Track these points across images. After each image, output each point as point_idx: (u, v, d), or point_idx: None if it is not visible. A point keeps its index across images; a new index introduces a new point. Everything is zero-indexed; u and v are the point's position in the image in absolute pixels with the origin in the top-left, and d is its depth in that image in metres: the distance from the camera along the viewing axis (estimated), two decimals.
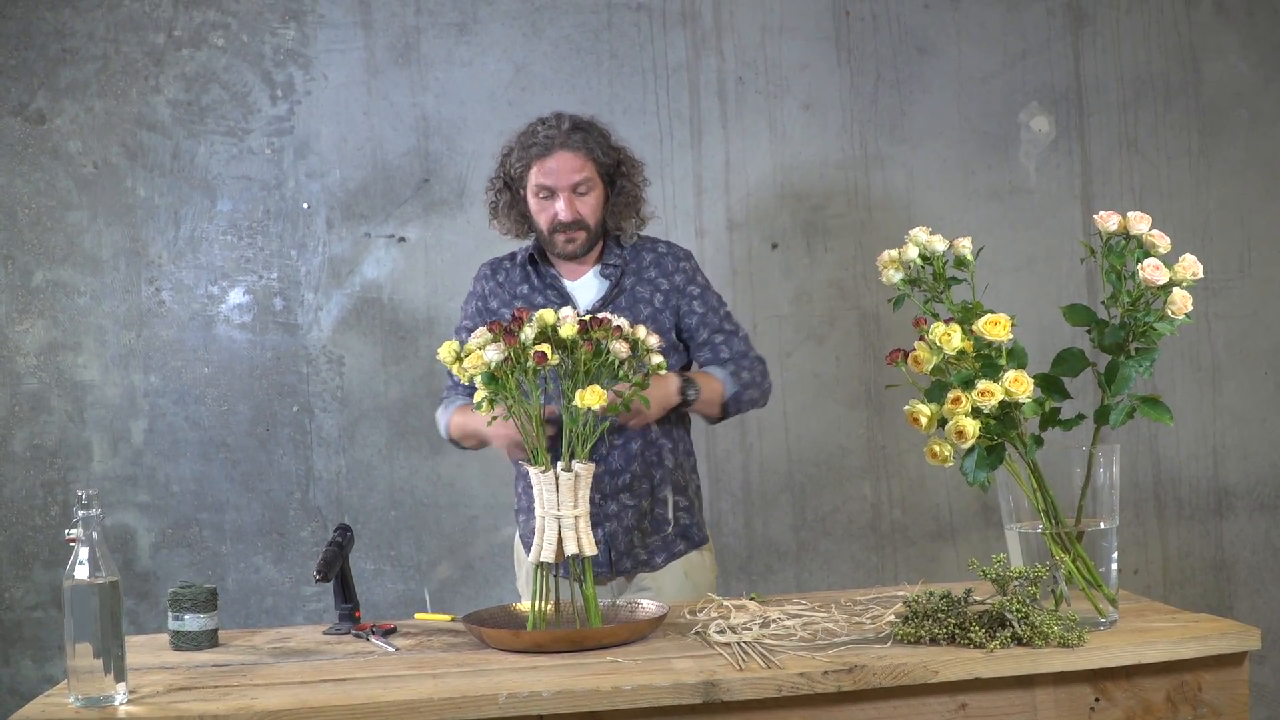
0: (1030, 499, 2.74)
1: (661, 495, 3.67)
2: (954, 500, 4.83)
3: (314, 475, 4.69)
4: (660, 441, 3.66)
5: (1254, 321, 4.93)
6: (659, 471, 3.66)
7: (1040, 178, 4.87)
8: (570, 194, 3.62)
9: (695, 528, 3.74)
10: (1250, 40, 4.94)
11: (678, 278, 3.74)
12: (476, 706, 2.44)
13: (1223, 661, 2.66)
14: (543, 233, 3.68)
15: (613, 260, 3.72)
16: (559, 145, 3.62)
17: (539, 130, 3.66)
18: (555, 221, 3.63)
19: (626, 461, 3.61)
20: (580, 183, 3.62)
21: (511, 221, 3.75)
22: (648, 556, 3.66)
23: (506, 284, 3.78)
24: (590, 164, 3.64)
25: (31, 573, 4.62)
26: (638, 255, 3.76)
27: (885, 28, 4.82)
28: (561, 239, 3.65)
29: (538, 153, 3.62)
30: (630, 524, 3.63)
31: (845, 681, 2.50)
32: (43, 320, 4.62)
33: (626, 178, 3.73)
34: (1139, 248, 2.72)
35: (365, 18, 4.69)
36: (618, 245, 3.76)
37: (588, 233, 3.66)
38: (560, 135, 3.62)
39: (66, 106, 4.62)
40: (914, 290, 2.82)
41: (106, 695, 2.47)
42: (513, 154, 3.69)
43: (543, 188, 3.62)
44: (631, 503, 3.63)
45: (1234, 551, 4.95)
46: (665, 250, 3.79)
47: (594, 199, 3.66)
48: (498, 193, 3.75)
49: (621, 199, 3.72)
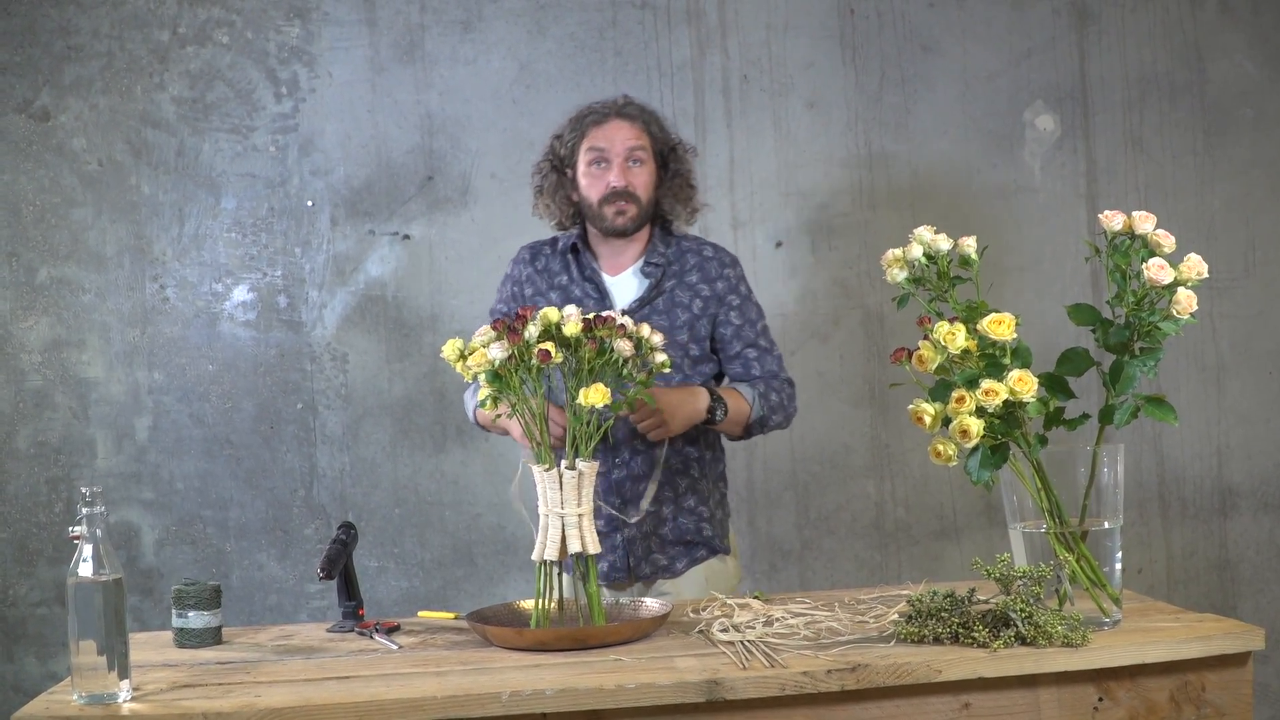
0: (1034, 498, 2.74)
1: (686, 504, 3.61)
2: (958, 499, 4.83)
3: (318, 473, 4.69)
4: (686, 449, 3.61)
5: (1259, 321, 4.93)
6: (684, 480, 3.61)
7: (1045, 176, 4.86)
8: (623, 162, 3.56)
9: (718, 538, 3.67)
10: (1256, 39, 4.93)
11: (719, 285, 3.66)
12: (479, 704, 2.44)
13: (1226, 661, 2.66)
14: (592, 205, 3.59)
15: (655, 259, 3.64)
16: (615, 114, 3.60)
17: (594, 105, 3.65)
18: (608, 189, 3.56)
19: (650, 467, 3.56)
20: (635, 149, 3.58)
21: (557, 204, 3.68)
22: (668, 562, 3.60)
23: (545, 272, 3.70)
24: (645, 136, 3.61)
25: (36, 569, 4.62)
26: (681, 255, 3.68)
27: (890, 26, 4.81)
28: (612, 210, 3.57)
29: (593, 120, 3.60)
30: (649, 530, 3.58)
31: (848, 680, 2.50)
32: (47, 317, 4.62)
33: (680, 161, 3.68)
34: (1144, 247, 2.71)
35: (370, 15, 4.69)
36: (663, 240, 3.68)
37: (639, 207, 3.59)
38: (616, 107, 3.62)
39: (71, 103, 4.62)
40: (918, 289, 2.82)
41: (110, 692, 2.47)
42: (564, 134, 3.65)
43: (596, 153, 3.57)
44: (652, 508, 3.57)
45: (1238, 551, 4.94)
46: (711, 254, 3.71)
47: (646, 174, 3.61)
48: (544, 176, 3.69)
49: (675, 181, 3.67)
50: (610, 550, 3.57)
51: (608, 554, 3.57)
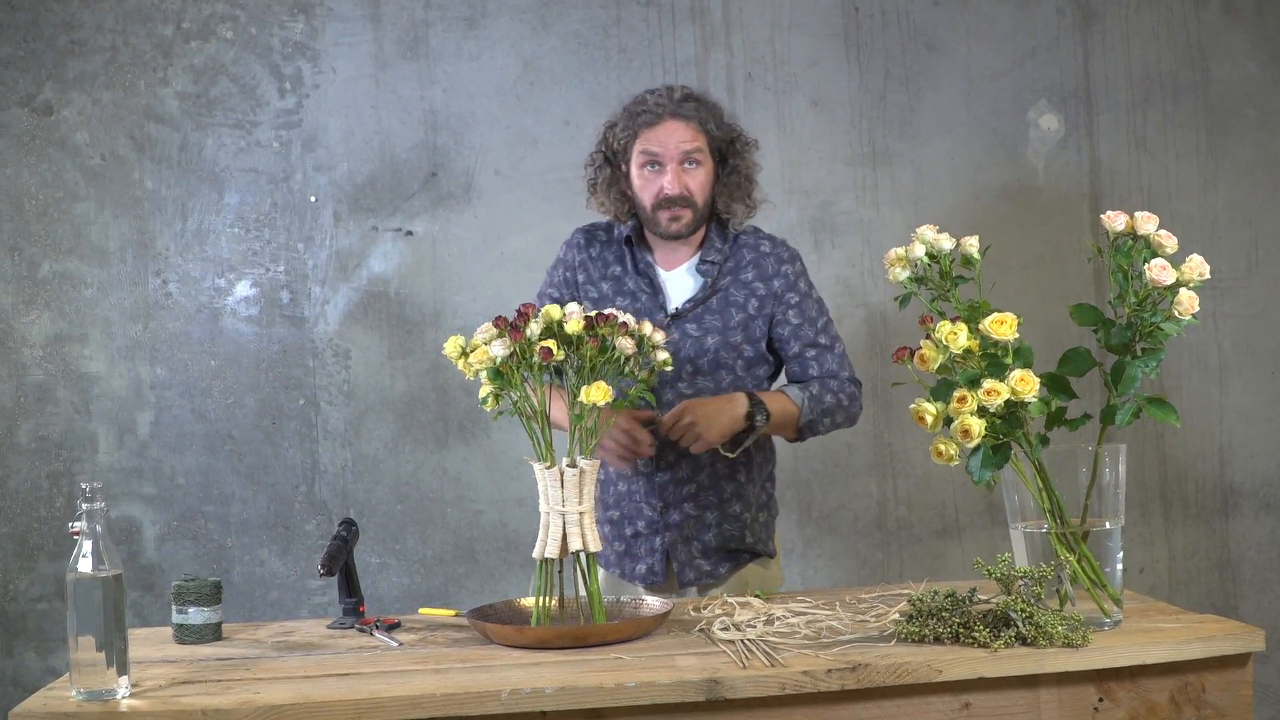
0: (1036, 498, 2.74)
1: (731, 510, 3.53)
2: (959, 498, 4.82)
3: (320, 469, 4.69)
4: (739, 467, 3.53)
5: (1261, 321, 4.93)
6: (730, 485, 3.53)
7: (1048, 176, 4.86)
8: (678, 166, 3.41)
9: (761, 542, 3.59)
10: (1259, 40, 4.93)
11: (776, 283, 3.52)
12: (479, 702, 2.44)
13: (1227, 662, 2.66)
14: (645, 209, 3.46)
15: (711, 256, 3.51)
16: (669, 114, 3.42)
17: (648, 99, 3.46)
18: (661, 196, 3.42)
19: (694, 470, 3.49)
20: (691, 153, 3.42)
21: (611, 200, 3.54)
22: (710, 568, 3.52)
23: (599, 260, 3.58)
24: (702, 136, 3.44)
25: (36, 564, 4.62)
26: (737, 251, 3.55)
27: (894, 24, 4.81)
28: (666, 216, 3.43)
29: (646, 121, 3.42)
30: (690, 534, 3.51)
31: (849, 680, 2.50)
32: (49, 311, 4.62)
33: (739, 156, 3.53)
34: (1146, 247, 2.71)
35: (374, 11, 4.68)
36: (720, 236, 3.54)
37: (694, 211, 3.45)
38: (671, 104, 3.43)
39: (74, 98, 4.62)
40: (921, 288, 2.82)
41: (109, 689, 2.47)
42: (617, 125, 3.49)
43: (648, 156, 3.42)
44: (694, 513, 3.50)
45: (1239, 551, 4.94)
46: (769, 250, 3.57)
47: (703, 175, 3.45)
48: (597, 169, 3.55)
49: (733, 178, 3.51)
50: (649, 553, 3.53)
51: (646, 556, 3.53)
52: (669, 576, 3.54)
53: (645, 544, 3.53)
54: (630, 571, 3.56)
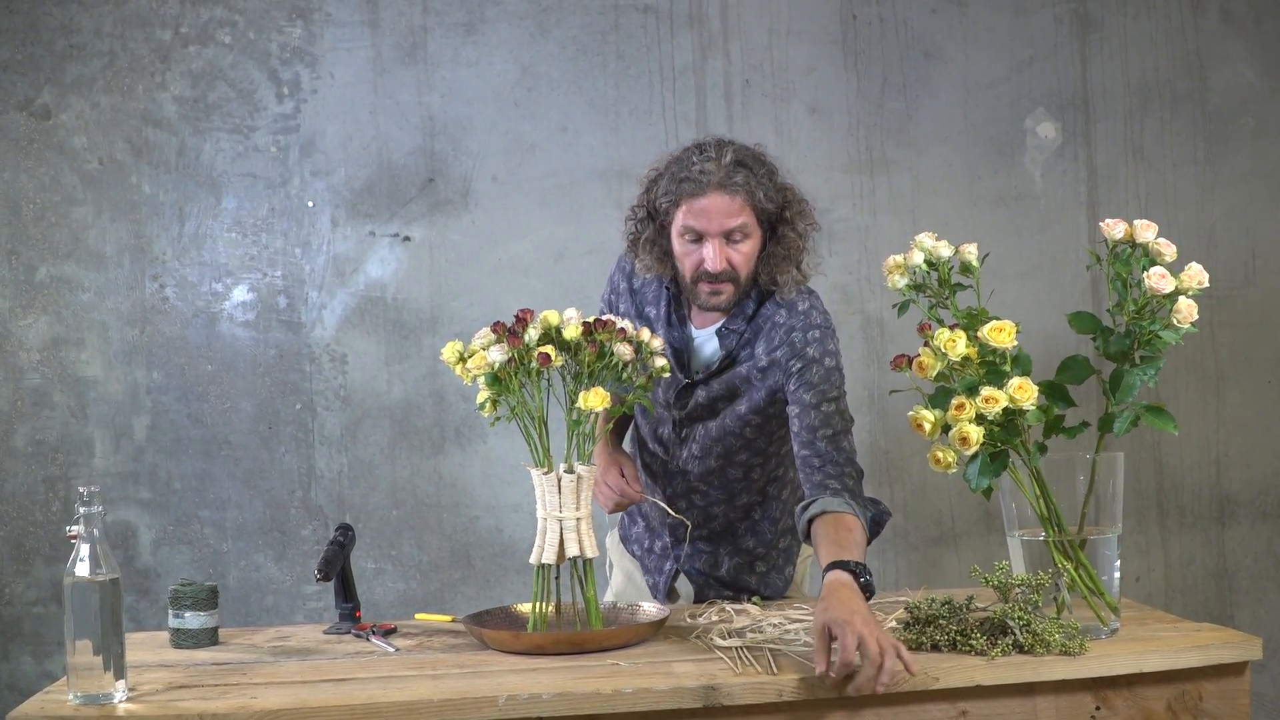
0: (1033, 506, 2.73)
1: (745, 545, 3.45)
2: (956, 506, 4.82)
3: (316, 474, 4.69)
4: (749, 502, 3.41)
5: (1258, 330, 4.93)
6: (745, 524, 3.44)
7: (1046, 184, 4.86)
8: (721, 241, 3.10)
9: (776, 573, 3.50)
10: (1257, 48, 4.93)
11: (779, 352, 3.19)
12: (476, 708, 2.44)
13: (1224, 671, 2.66)
14: (684, 279, 3.18)
15: (734, 325, 3.24)
16: (715, 185, 3.08)
17: (694, 162, 3.13)
18: (700, 270, 3.12)
19: (706, 519, 3.40)
20: (735, 230, 3.10)
21: (654, 259, 3.23)
22: (734, 595, 3.42)
23: (640, 294, 3.36)
24: (749, 209, 3.12)
25: (32, 568, 4.62)
26: (757, 322, 3.25)
27: (892, 32, 4.81)
28: (706, 290, 3.15)
29: (689, 190, 3.09)
30: (704, 568, 3.46)
31: (845, 687, 2.50)
32: (46, 316, 4.62)
33: (790, 225, 3.21)
34: (1145, 256, 2.71)
35: (372, 16, 4.68)
36: (757, 300, 3.24)
37: (736, 286, 3.15)
38: (719, 172, 3.09)
39: (72, 102, 4.62)
40: (919, 296, 2.82)
41: (106, 693, 2.46)
42: (660, 182, 3.18)
43: (690, 230, 3.11)
44: (708, 549, 3.45)
45: (1236, 560, 4.94)
46: (783, 320, 3.23)
47: (748, 248, 3.14)
48: (639, 223, 3.25)
49: (780, 250, 3.20)
50: (658, 572, 3.51)
51: (656, 574, 3.53)
52: (672, 597, 3.51)
53: (657, 563, 3.53)
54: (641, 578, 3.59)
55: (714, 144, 3.18)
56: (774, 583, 3.53)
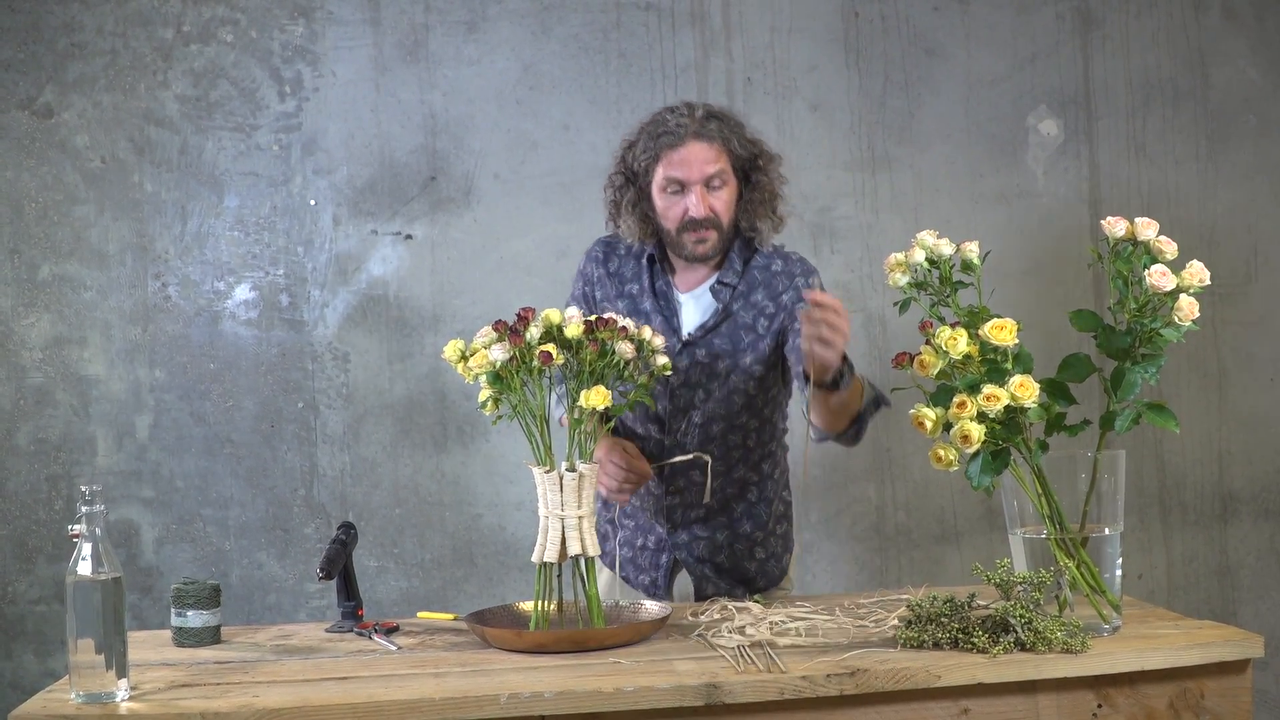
0: (1035, 504, 2.74)
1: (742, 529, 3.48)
2: (958, 504, 4.82)
3: (318, 472, 4.69)
4: (747, 475, 3.49)
5: (1260, 328, 4.93)
6: (740, 504, 3.50)
7: (1048, 181, 4.86)
8: (703, 188, 3.30)
9: (773, 562, 3.55)
10: (1259, 46, 4.93)
11: (785, 297, 3.40)
12: (478, 706, 2.44)
13: (1226, 669, 2.66)
14: (669, 233, 3.36)
15: (728, 278, 3.40)
16: (691, 135, 3.29)
17: (668, 119, 3.34)
18: (685, 219, 3.31)
19: (701, 496, 3.43)
20: (714, 175, 3.30)
21: (635, 221, 3.41)
22: (728, 586, 3.48)
23: (616, 275, 3.49)
24: (725, 155, 3.32)
25: (35, 567, 4.62)
26: (749, 273, 3.42)
27: (894, 30, 4.81)
28: (691, 239, 3.33)
29: (668, 143, 3.29)
30: (702, 555, 3.48)
31: (847, 685, 2.50)
32: (49, 314, 4.62)
33: (763, 172, 3.41)
34: (1146, 253, 2.71)
35: (374, 15, 4.68)
36: (741, 257, 3.42)
37: (719, 232, 3.34)
38: (693, 124, 3.31)
39: (74, 101, 4.62)
40: (920, 294, 2.82)
41: (108, 691, 2.47)
42: (637, 145, 3.37)
43: (672, 181, 3.30)
44: (705, 534, 3.48)
45: (1238, 557, 4.94)
46: (780, 268, 3.43)
47: (727, 194, 3.35)
48: (619, 190, 3.43)
49: (757, 195, 3.40)
50: (653, 568, 3.52)
51: (650, 570, 3.53)
52: (669, 592, 3.52)
53: (651, 558, 3.53)
54: (634, 580, 3.57)
55: (684, 103, 3.39)
56: (772, 571, 3.56)
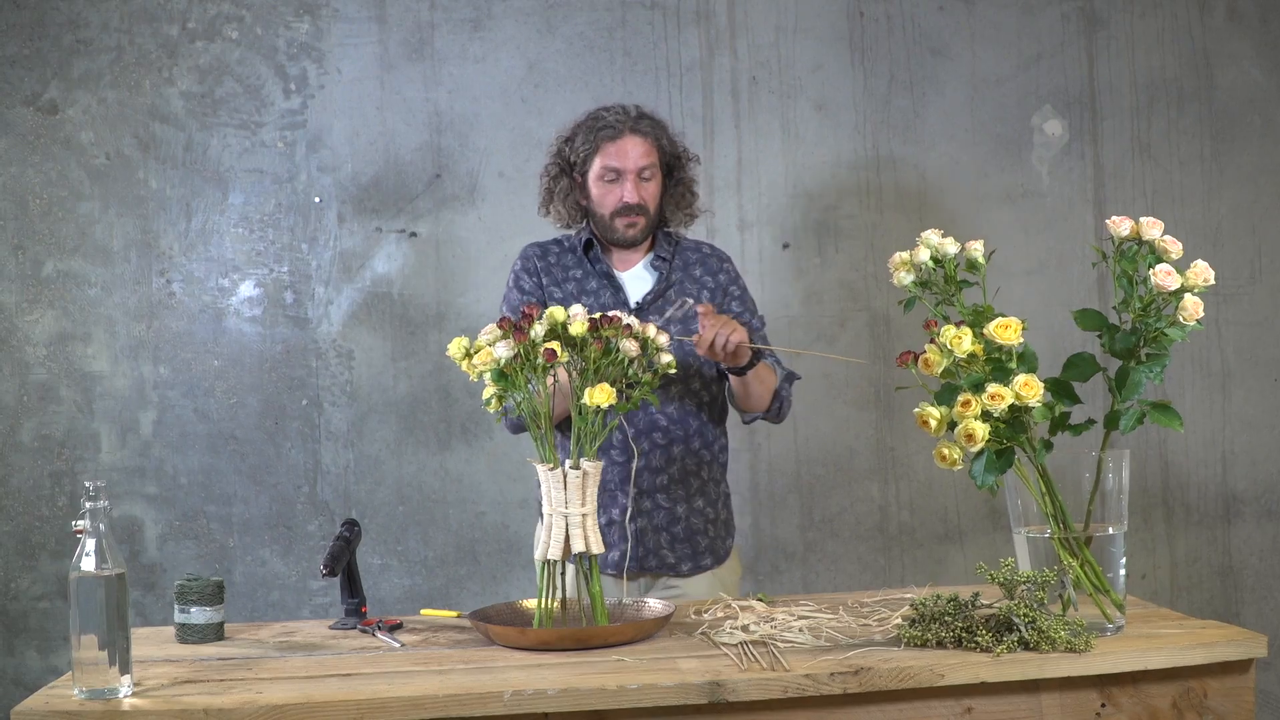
0: (1039, 503, 2.73)
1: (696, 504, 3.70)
2: (961, 503, 4.82)
3: (322, 469, 4.69)
4: (701, 452, 3.70)
5: (1264, 328, 4.93)
6: (696, 481, 3.70)
7: (1052, 181, 4.86)
8: (636, 178, 3.66)
9: (719, 540, 3.76)
10: (1264, 47, 4.93)
11: (721, 277, 3.80)
12: (481, 703, 2.44)
13: (1229, 669, 2.66)
14: (603, 217, 3.71)
15: (663, 253, 3.77)
16: (628, 129, 3.67)
17: (606, 115, 3.71)
18: (620, 204, 3.67)
19: (666, 463, 3.65)
20: (646, 168, 3.67)
21: (567, 209, 3.77)
22: (675, 561, 3.67)
23: (558, 266, 3.78)
24: (655, 151, 3.71)
25: (38, 563, 4.62)
26: (683, 253, 3.81)
27: (899, 29, 4.81)
28: (623, 223, 3.69)
29: (607, 135, 3.67)
30: (660, 524, 3.65)
31: (851, 683, 2.50)
32: (53, 310, 4.62)
33: (684, 169, 3.80)
34: (1151, 253, 2.71)
35: (379, 12, 4.69)
36: (667, 240, 3.80)
37: (648, 219, 3.71)
38: (630, 121, 3.69)
39: (79, 97, 4.62)
40: (925, 292, 2.82)
41: (111, 688, 2.47)
42: (576, 139, 3.72)
43: (610, 169, 3.66)
44: (666, 504, 3.65)
45: (1241, 558, 4.94)
46: (709, 251, 3.86)
47: (654, 187, 3.72)
48: (553, 179, 3.78)
49: (679, 190, 3.79)
50: (621, 539, 3.63)
51: (620, 543, 3.63)
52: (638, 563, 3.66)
53: (618, 530, 3.64)
54: (602, 560, 3.62)
55: (618, 105, 3.76)
56: (718, 550, 3.76)
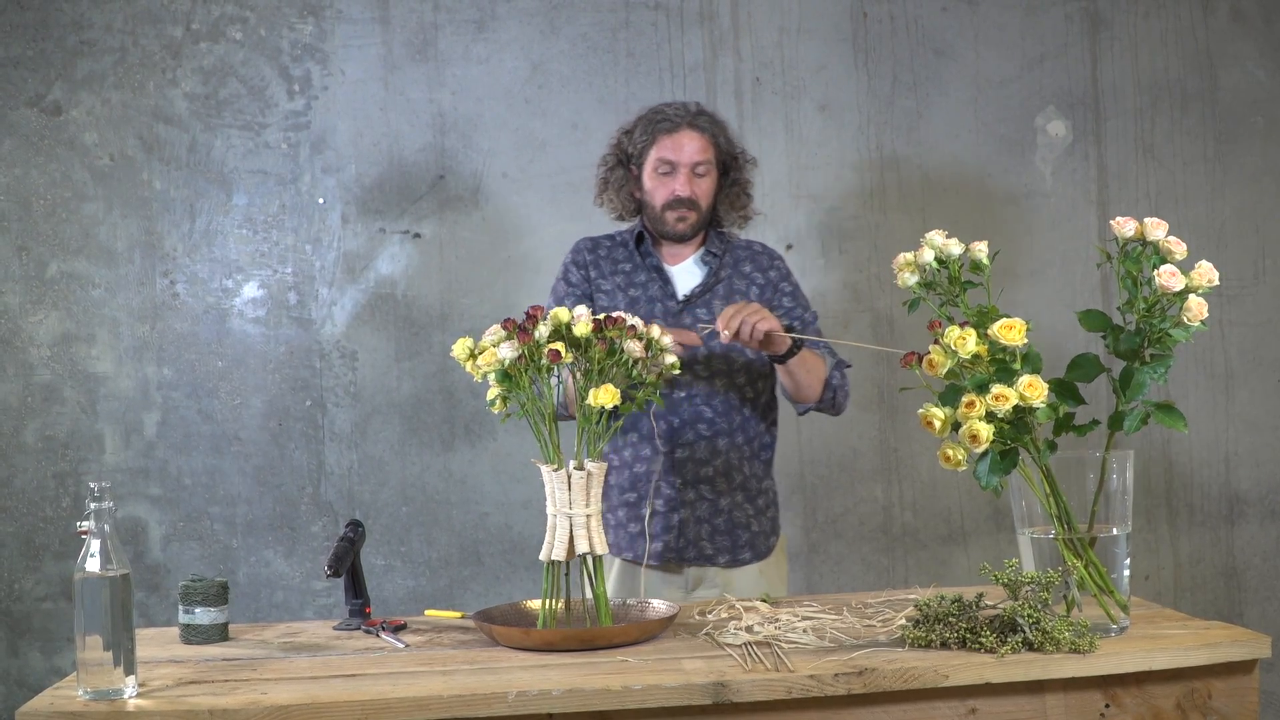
0: (1043, 504, 2.73)
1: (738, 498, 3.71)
2: (965, 504, 4.82)
3: (325, 470, 4.69)
4: (744, 446, 3.72)
5: (1268, 329, 4.92)
6: (738, 475, 3.70)
7: (1056, 182, 4.86)
8: (689, 172, 3.68)
9: (761, 537, 3.76)
10: (1267, 48, 4.93)
11: (772, 274, 3.80)
12: (486, 704, 2.44)
13: (1233, 669, 2.66)
14: (655, 209, 3.72)
15: (714, 248, 3.77)
16: (686, 124, 3.70)
17: (666, 110, 3.74)
18: (672, 197, 3.69)
19: (710, 455, 3.66)
20: (700, 163, 3.69)
21: (620, 200, 3.80)
22: (713, 553, 3.68)
23: (608, 259, 3.80)
24: (712, 149, 3.72)
25: (41, 564, 4.62)
26: (733, 250, 3.81)
27: (903, 30, 4.81)
28: (673, 216, 3.70)
29: (664, 129, 3.69)
30: (702, 516, 3.67)
31: (855, 684, 2.50)
32: (56, 311, 4.63)
33: (740, 170, 3.80)
34: (1155, 254, 2.71)
35: (383, 13, 4.69)
36: (718, 237, 3.80)
37: (699, 214, 3.72)
38: (688, 116, 3.71)
39: (83, 98, 4.63)
40: (929, 293, 2.82)
41: (116, 688, 2.47)
42: (634, 131, 3.75)
43: (664, 162, 3.68)
44: (709, 496, 3.67)
45: (1245, 559, 4.94)
46: (760, 250, 3.86)
47: (708, 183, 3.73)
48: (609, 169, 3.81)
49: (734, 189, 3.79)
50: (665, 530, 3.65)
51: (662, 534, 3.65)
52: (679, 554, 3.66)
53: (661, 521, 3.66)
54: (645, 552, 3.64)
55: (679, 101, 3.82)
56: (759, 546, 3.75)
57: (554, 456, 2.90)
